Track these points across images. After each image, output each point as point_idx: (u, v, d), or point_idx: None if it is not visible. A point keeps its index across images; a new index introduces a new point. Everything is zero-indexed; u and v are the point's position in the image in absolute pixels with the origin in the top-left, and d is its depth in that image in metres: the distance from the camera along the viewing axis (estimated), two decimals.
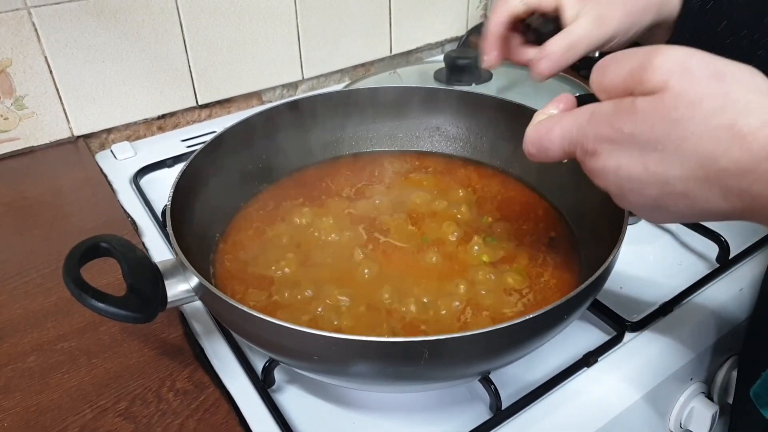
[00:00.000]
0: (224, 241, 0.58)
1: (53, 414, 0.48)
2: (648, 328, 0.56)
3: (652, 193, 0.35)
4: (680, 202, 0.34)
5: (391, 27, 1.05)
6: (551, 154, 0.40)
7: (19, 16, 0.74)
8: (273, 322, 0.38)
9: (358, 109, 0.69)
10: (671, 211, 0.35)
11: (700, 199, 0.33)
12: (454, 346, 0.38)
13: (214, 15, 0.87)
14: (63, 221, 0.70)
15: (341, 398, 0.50)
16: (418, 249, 0.56)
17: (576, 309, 0.43)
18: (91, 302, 0.41)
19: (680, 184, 0.33)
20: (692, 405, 0.57)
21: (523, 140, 0.42)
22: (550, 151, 0.40)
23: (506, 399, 0.48)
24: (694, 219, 0.36)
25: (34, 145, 0.82)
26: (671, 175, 0.33)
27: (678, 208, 0.35)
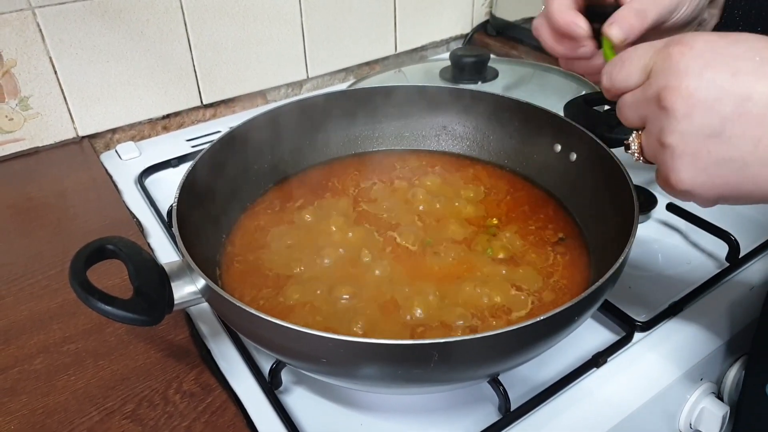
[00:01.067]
0: (231, 241, 0.57)
1: (60, 416, 0.48)
2: (657, 328, 0.55)
3: (725, 110, 0.32)
4: (749, 131, 0.32)
5: (396, 25, 1.04)
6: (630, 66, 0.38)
7: (24, 17, 0.74)
8: (280, 324, 0.38)
9: (364, 108, 0.69)
10: (729, 146, 0.32)
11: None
12: (464, 348, 0.37)
13: (219, 14, 0.86)
14: (68, 222, 0.70)
15: (349, 400, 0.50)
16: (425, 249, 0.56)
17: (586, 310, 0.42)
18: (98, 305, 0.41)
19: (762, 103, 0.31)
20: (702, 405, 0.57)
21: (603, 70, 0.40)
22: (632, 64, 0.37)
23: (515, 400, 0.48)
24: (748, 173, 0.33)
25: (39, 145, 0.82)
26: (758, 90, 0.32)
27: (742, 140, 0.32)
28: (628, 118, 0.39)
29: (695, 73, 0.33)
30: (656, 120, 0.35)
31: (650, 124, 0.36)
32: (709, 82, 0.33)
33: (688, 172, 0.34)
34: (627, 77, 0.38)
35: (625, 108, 0.38)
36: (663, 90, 0.34)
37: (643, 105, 0.36)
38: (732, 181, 0.34)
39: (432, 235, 0.57)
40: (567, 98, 0.56)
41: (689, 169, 0.34)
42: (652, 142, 0.37)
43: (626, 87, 0.38)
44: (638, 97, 0.37)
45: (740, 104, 0.32)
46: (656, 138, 0.36)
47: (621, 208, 0.49)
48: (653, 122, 0.36)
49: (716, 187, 0.34)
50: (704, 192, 0.35)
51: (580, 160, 0.59)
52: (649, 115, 0.36)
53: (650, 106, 0.36)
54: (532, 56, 1.05)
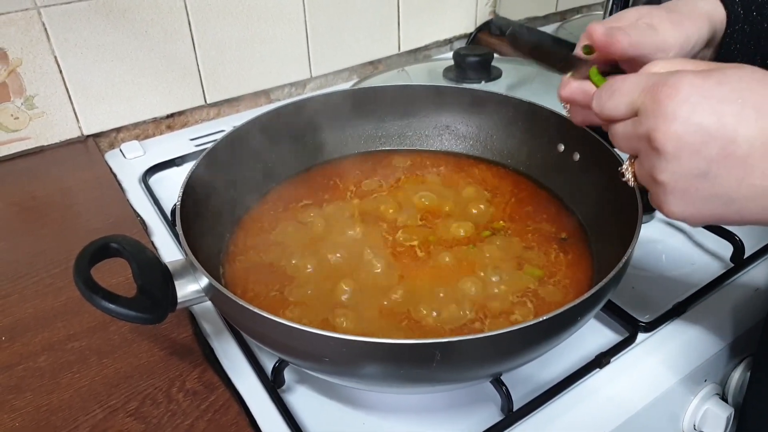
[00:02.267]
0: (234, 240, 0.57)
1: (64, 414, 0.48)
2: (661, 328, 0.55)
3: (711, 153, 0.34)
4: (734, 172, 0.34)
5: (399, 24, 1.04)
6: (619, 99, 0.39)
7: (29, 16, 0.75)
8: (283, 323, 0.38)
9: (367, 107, 0.69)
10: (715, 185, 0.35)
11: (757, 170, 0.34)
12: (466, 348, 0.37)
13: (223, 14, 0.86)
14: (72, 221, 0.70)
15: (351, 399, 0.50)
16: (428, 248, 0.56)
17: (589, 311, 0.42)
18: (101, 303, 0.41)
19: (745, 145, 0.34)
20: (706, 407, 0.56)
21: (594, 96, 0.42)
22: (620, 96, 0.39)
23: (518, 400, 0.47)
24: (733, 207, 0.36)
25: (44, 144, 0.83)
26: (741, 133, 0.34)
27: (727, 180, 0.35)
28: (620, 147, 0.41)
29: (682, 119, 0.35)
30: (648, 157, 0.38)
31: (642, 160, 0.39)
32: (695, 126, 0.35)
33: (679, 206, 0.37)
34: (615, 108, 0.39)
35: (617, 137, 0.40)
36: (653, 132, 0.36)
37: (635, 140, 0.38)
38: (719, 213, 0.37)
39: (435, 235, 0.57)
40: None
41: (679, 203, 0.37)
42: (644, 175, 0.39)
43: (615, 117, 0.40)
44: (629, 131, 0.39)
45: (724, 147, 0.34)
46: (649, 174, 0.38)
47: (624, 208, 0.49)
48: (645, 158, 0.38)
49: (705, 217, 0.37)
50: (695, 220, 0.38)
51: (583, 160, 0.59)
52: (641, 151, 0.38)
53: (641, 143, 0.38)
54: None
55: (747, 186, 0.34)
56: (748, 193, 0.35)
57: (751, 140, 0.34)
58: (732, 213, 0.36)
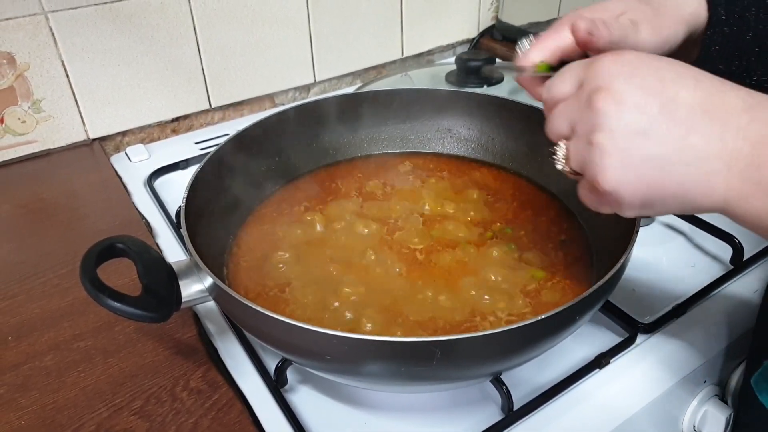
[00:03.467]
0: (237, 242, 0.58)
1: (70, 412, 0.48)
2: (661, 330, 0.56)
3: (652, 110, 0.34)
4: (674, 130, 0.34)
5: (402, 29, 1.05)
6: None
7: (37, 21, 0.76)
8: (286, 321, 0.38)
9: (370, 111, 0.69)
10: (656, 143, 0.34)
11: (697, 132, 0.33)
12: (466, 346, 0.38)
13: (228, 19, 0.87)
14: (78, 223, 0.71)
15: (354, 398, 0.50)
16: (430, 250, 0.56)
17: (588, 310, 0.43)
18: (107, 302, 0.42)
19: (685, 108, 0.34)
20: (706, 408, 0.57)
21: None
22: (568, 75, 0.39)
23: (518, 400, 0.48)
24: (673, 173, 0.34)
25: (51, 147, 0.84)
26: (681, 95, 0.34)
27: (667, 138, 0.34)
28: (556, 127, 0.39)
29: (624, 77, 0.35)
30: (587, 121, 0.36)
31: (580, 126, 0.37)
32: (637, 85, 0.35)
33: (616, 171, 0.35)
34: (561, 86, 0.39)
35: (555, 118, 0.39)
36: (594, 92, 0.36)
37: (574, 109, 0.38)
38: (657, 181, 0.35)
39: (436, 237, 0.58)
40: None
41: (617, 167, 0.35)
42: (580, 145, 0.37)
43: (561, 96, 0.39)
44: (570, 103, 0.38)
45: (666, 104, 0.34)
46: (585, 139, 0.36)
47: None
48: (583, 124, 0.37)
49: (642, 186, 0.35)
50: (630, 192, 0.35)
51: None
52: (578, 117, 0.37)
53: (581, 109, 0.37)
54: None
55: (688, 147, 0.34)
56: (688, 156, 0.34)
57: (691, 103, 0.34)
58: (671, 181, 0.34)
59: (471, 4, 1.12)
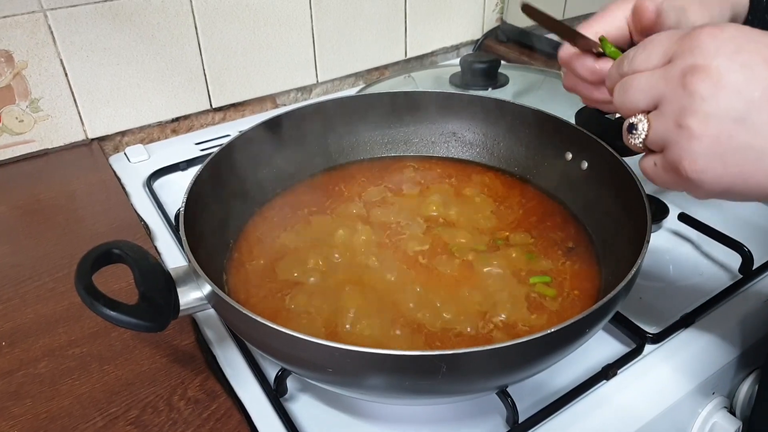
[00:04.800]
0: (238, 247, 0.57)
1: (64, 422, 0.47)
2: (669, 340, 0.55)
3: (754, 95, 0.31)
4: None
5: (406, 30, 1.04)
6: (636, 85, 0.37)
7: (35, 19, 0.74)
8: (286, 332, 0.37)
9: (373, 113, 0.68)
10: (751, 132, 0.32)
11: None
12: (472, 360, 0.37)
13: (229, 19, 0.86)
14: (76, 224, 0.69)
15: (355, 409, 0.49)
16: (434, 256, 0.55)
17: (598, 323, 0.42)
18: (102, 311, 0.41)
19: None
20: (714, 420, 0.56)
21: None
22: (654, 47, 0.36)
23: (523, 412, 0.47)
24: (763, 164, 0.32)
25: (49, 147, 0.82)
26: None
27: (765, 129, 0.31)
28: (635, 99, 0.37)
29: (726, 55, 0.32)
30: (676, 100, 0.34)
31: (667, 105, 0.35)
32: (740, 65, 0.32)
33: (705, 158, 0.33)
34: (647, 58, 0.37)
35: (634, 88, 0.37)
36: (690, 69, 0.33)
37: (662, 84, 0.35)
38: (746, 171, 0.33)
39: (441, 243, 0.57)
40: (578, 106, 0.55)
41: (706, 154, 0.33)
42: (666, 124, 0.35)
43: (645, 68, 0.37)
44: (656, 77, 0.35)
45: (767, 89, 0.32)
46: (674, 119, 0.34)
47: (633, 217, 0.48)
48: (672, 103, 0.34)
49: (729, 176, 0.33)
50: (714, 180, 0.34)
51: (591, 169, 0.58)
52: (668, 95, 0.34)
53: (670, 85, 0.34)
54: (542, 63, 1.04)
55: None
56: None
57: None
58: (759, 172, 0.32)
59: (475, 5, 1.11)
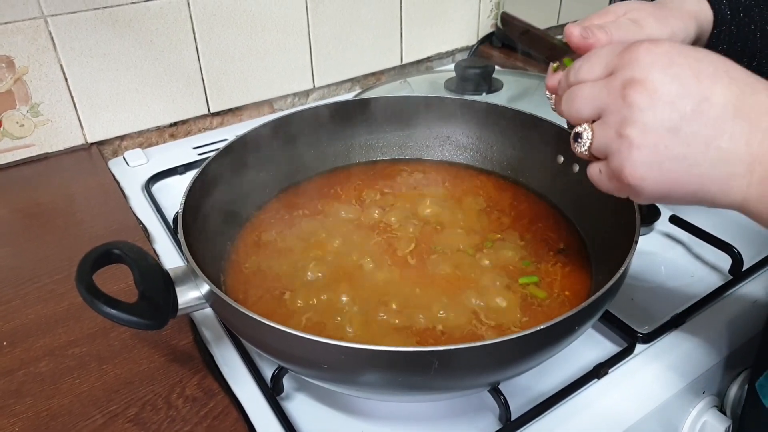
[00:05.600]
0: (235, 248, 0.58)
1: (64, 419, 0.48)
2: (659, 339, 0.55)
3: (685, 108, 0.34)
4: (704, 131, 0.33)
5: (402, 36, 1.05)
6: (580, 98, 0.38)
7: (36, 25, 0.76)
8: (283, 330, 0.38)
9: (369, 117, 0.69)
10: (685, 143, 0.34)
11: (726, 132, 0.33)
12: (464, 356, 0.38)
13: (227, 24, 0.87)
14: (75, 227, 0.70)
15: (350, 407, 0.50)
16: (427, 258, 0.56)
17: (586, 321, 0.43)
18: (103, 309, 0.41)
19: (718, 106, 0.33)
20: (704, 419, 0.57)
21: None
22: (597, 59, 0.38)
23: (516, 410, 0.48)
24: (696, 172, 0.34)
25: (49, 151, 0.83)
26: (716, 93, 0.34)
27: (696, 139, 0.34)
28: (579, 108, 0.39)
29: (661, 68, 0.34)
30: (617, 111, 0.36)
31: (609, 115, 0.37)
32: (673, 78, 0.34)
33: (645, 166, 0.35)
34: (590, 69, 0.39)
35: (579, 98, 0.38)
36: (629, 82, 0.35)
37: (604, 95, 0.37)
38: (681, 180, 0.35)
39: (434, 244, 0.57)
40: None
41: (645, 162, 0.35)
42: (608, 133, 0.37)
43: (589, 79, 0.39)
44: (599, 88, 0.37)
45: (699, 104, 0.34)
46: (615, 129, 0.36)
47: (623, 219, 0.49)
48: (613, 113, 0.36)
49: (665, 183, 0.35)
50: (652, 187, 0.36)
51: (582, 172, 0.58)
52: (609, 105, 0.36)
53: (611, 96, 0.36)
54: (536, 68, 1.05)
55: (714, 149, 0.34)
56: (713, 157, 0.34)
57: (724, 102, 0.34)
58: (693, 180, 0.35)
59: (470, 11, 1.12)
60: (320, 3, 0.93)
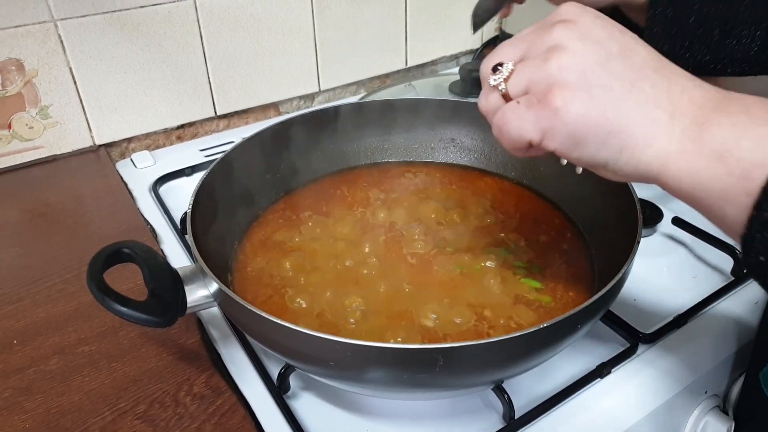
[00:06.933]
0: (242, 249, 0.59)
1: (74, 416, 0.49)
2: (662, 340, 0.56)
3: (612, 49, 0.34)
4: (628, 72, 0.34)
5: (407, 40, 1.06)
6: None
7: (46, 29, 0.77)
8: (290, 327, 0.39)
9: (374, 120, 0.70)
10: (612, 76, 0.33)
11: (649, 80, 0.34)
12: (468, 353, 0.38)
13: (234, 28, 0.88)
14: (84, 228, 0.71)
15: (356, 405, 0.50)
16: (432, 259, 0.57)
17: (589, 319, 0.43)
18: (113, 306, 0.42)
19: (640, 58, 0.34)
20: (706, 419, 0.57)
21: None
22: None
23: (519, 408, 0.48)
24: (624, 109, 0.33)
25: (57, 153, 0.84)
26: (638, 47, 0.35)
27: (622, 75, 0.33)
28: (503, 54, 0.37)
29: (591, 16, 0.35)
30: (543, 43, 0.35)
31: (534, 49, 0.36)
32: (600, 25, 0.35)
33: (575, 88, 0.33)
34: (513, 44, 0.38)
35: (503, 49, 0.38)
36: (558, 23, 0.35)
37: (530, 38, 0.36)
38: (608, 113, 0.33)
39: (438, 245, 0.58)
40: None
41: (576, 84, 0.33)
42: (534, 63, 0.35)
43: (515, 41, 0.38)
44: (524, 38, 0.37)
45: (624, 50, 0.34)
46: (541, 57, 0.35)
47: (626, 221, 0.50)
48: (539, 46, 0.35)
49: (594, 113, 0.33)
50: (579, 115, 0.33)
51: (586, 173, 0.59)
52: (536, 41, 0.36)
53: (538, 34, 0.36)
54: None
55: (638, 90, 0.33)
56: (638, 98, 0.33)
57: (645, 57, 0.35)
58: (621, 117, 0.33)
59: None
60: (326, 7, 0.94)
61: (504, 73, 0.36)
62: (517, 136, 0.36)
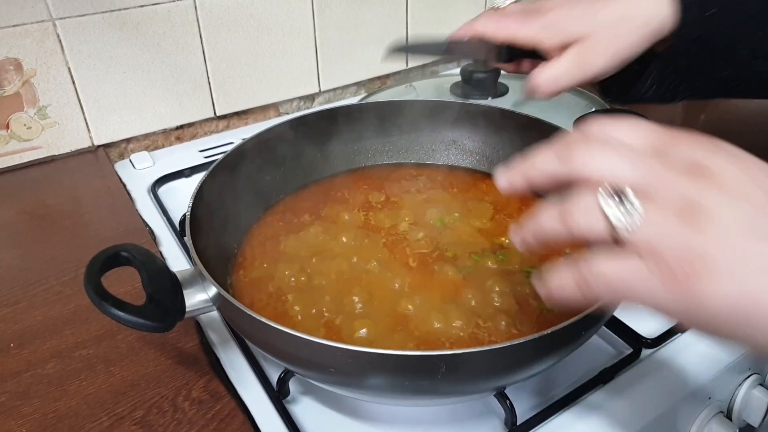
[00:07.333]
0: (242, 251, 0.58)
1: (71, 421, 0.48)
2: (665, 345, 0.55)
3: (760, 200, 0.27)
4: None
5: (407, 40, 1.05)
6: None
7: (44, 28, 0.76)
8: (290, 332, 0.38)
9: (375, 121, 0.70)
10: (761, 251, 0.26)
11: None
12: (471, 360, 0.38)
13: (234, 28, 0.88)
14: (82, 229, 0.71)
15: (356, 411, 0.50)
16: (434, 262, 0.56)
17: (593, 325, 0.43)
18: (111, 311, 0.42)
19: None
20: (711, 425, 0.56)
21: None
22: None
23: (521, 414, 0.48)
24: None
25: (56, 154, 0.84)
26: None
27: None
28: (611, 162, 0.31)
29: (734, 161, 0.29)
30: (681, 189, 0.28)
31: (667, 189, 0.29)
32: (742, 171, 0.28)
33: (721, 264, 0.26)
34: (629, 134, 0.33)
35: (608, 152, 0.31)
36: (695, 168, 0.29)
37: (657, 163, 0.29)
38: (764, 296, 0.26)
39: (440, 249, 0.58)
40: (577, 114, 0.57)
41: (723, 259, 0.26)
42: (668, 217, 0.28)
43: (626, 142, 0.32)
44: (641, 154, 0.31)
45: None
46: (677, 213, 0.27)
47: None
48: (674, 188, 0.28)
49: (743, 303, 0.26)
50: (722, 297, 0.26)
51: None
52: (666, 182, 0.29)
53: (671, 173, 0.29)
54: None
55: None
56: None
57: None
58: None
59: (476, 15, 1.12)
60: (326, 7, 0.94)
61: (633, 217, 0.28)
62: (634, 303, 0.29)
